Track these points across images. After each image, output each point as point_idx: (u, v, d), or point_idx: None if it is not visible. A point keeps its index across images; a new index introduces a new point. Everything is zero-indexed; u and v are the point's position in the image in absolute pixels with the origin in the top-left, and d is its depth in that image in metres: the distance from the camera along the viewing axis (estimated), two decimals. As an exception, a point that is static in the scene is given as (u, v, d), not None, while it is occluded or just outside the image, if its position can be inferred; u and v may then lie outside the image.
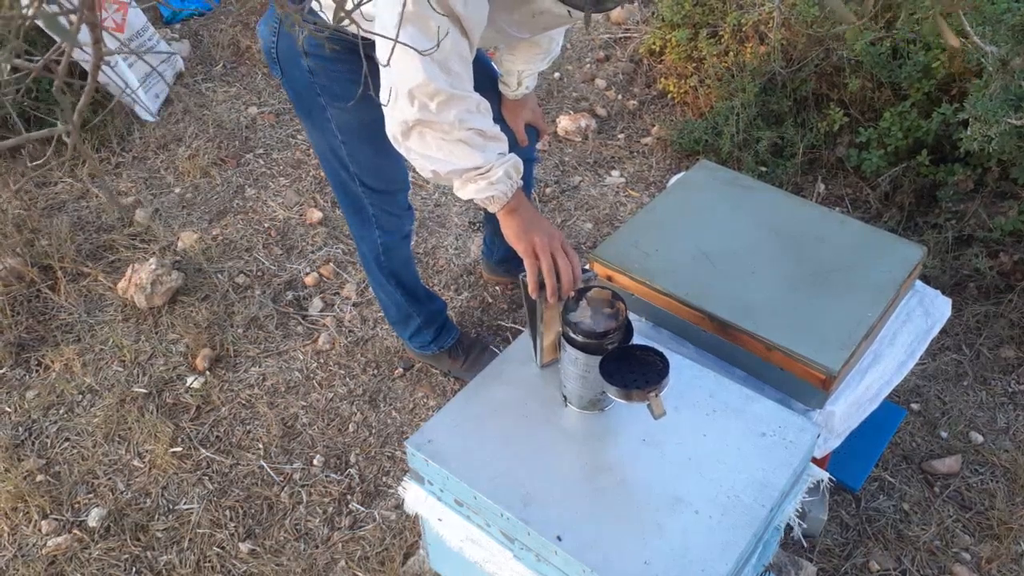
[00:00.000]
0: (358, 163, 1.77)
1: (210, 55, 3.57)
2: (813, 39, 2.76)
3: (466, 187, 1.42)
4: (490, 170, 1.40)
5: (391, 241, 1.97)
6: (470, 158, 1.38)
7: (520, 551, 1.31)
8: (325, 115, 1.69)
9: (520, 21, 1.45)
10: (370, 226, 1.92)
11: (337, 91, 1.64)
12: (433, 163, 1.39)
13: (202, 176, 2.95)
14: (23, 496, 1.99)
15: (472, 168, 1.39)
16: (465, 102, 1.35)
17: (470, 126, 1.35)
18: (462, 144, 1.37)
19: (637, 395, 1.25)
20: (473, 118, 1.36)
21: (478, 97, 1.38)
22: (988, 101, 2.02)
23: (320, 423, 2.16)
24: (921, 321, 1.63)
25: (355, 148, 1.74)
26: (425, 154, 1.39)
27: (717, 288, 1.54)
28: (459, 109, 1.33)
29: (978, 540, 1.88)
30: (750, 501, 1.27)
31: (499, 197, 1.43)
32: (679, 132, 2.93)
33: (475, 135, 1.37)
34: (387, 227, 1.93)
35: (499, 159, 1.41)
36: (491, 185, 1.41)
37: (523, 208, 1.46)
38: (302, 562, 1.86)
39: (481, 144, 1.38)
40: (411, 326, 2.16)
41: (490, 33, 1.49)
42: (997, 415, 2.13)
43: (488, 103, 1.41)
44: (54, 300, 2.49)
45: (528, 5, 1.39)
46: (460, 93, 1.33)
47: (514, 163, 1.43)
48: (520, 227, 1.45)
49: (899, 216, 2.57)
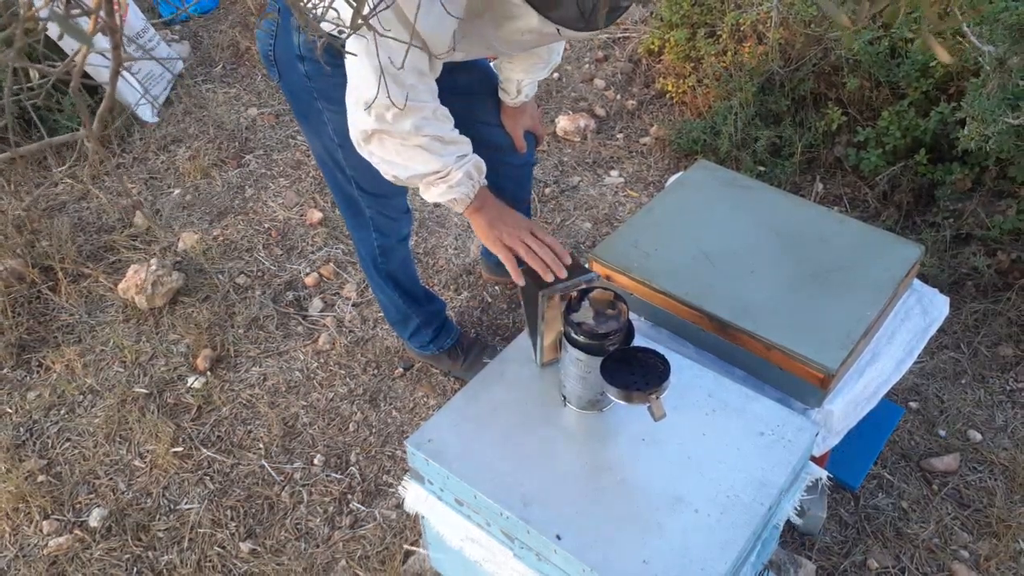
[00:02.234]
0: (354, 167, 1.78)
1: (210, 56, 3.57)
2: (811, 38, 2.76)
3: (429, 190, 1.46)
4: (449, 173, 1.43)
5: (388, 243, 1.98)
6: (428, 163, 1.41)
7: (520, 550, 1.32)
8: (322, 119, 1.70)
9: (508, 39, 1.46)
10: (367, 228, 1.93)
11: (333, 95, 1.65)
12: (394, 168, 1.43)
13: (202, 177, 2.96)
14: (24, 496, 1.99)
15: (431, 172, 1.43)
16: (421, 111, 1.37)
17: (426, 133, 1.38)
18: (420, 150, 1.40)
19: (637, 397, 1.26)
20: (429, 125, 1.38)
21: (435, 104, 1.41)
22: (985, 100, 2.03)
23: (321, 423, 2.17)
24: (919, 320, 1.63)
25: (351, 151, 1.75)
26: (386, 159, 1.43)
27: (716, 288, 1.55)
28: (415, 118, 1.36)
29: (977, 538, 1.88)
30: (749, 500, 1.28)
31: (461, 199, 1.47)
32: (678, 132, 2.93)
33: (432, 141, 1.40)
34: (384, 230, 1.94)
35: (458, 162, 1.44)
36: (451, 188, 1.44)
37: (488, 206, 1.49)
38: (303, 561, 1.87)
39: (439, 149, 1.41)
40: (410, 326, 2.16)
41: (479, 47, 1.50)
42: (995, 413, 2.13)
43: (446, 110, 1.44)
44: (55, 301, 2.50)
45: (514, 23, 1.39)
46: (415, 104, 1.35)
47: (475, 164, 1.46)
48: (487, 225, 1.48)
49: (897, 215, 2.58)
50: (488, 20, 1.39)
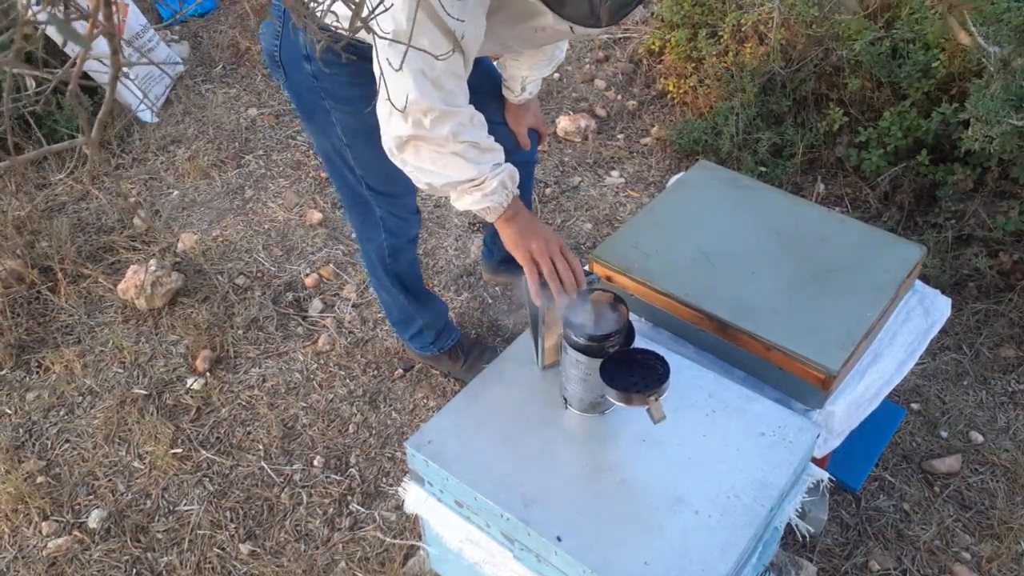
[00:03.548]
0: (364, 165, 1.77)
1: (210, 56, 3.57)
2: (812, 39, 2.76)
3: (462, 198, 1.44)
4: (484, 182, 1.41)
5: (398, 244, 1.97)
6: (464, 171, 1.40)
7: (520, 552, 1.31)
8: (329, 119, 1.69)
9: (522, 36, 1.46)
10: (377, 228, 1.92)
11: (341, 94, 1.64)
12: (428, 176, 1.41)
13: (202, 177, 2.96)
14: (23, 497, 1.99)
15: (466, 180, 1.41)
16: (458, 116, 1.35)
17: (464, 139, 1.37)
18: (456, 157, 1.38)
19: (637, 399, 1.26)
20: (467, 131, 1.37)
21: (471, 111, 1.39)
22: (989, 101, 2.02)
23: (320, 424, 2.16)
24: (921, 320, 1.63)
25: (360, 151, 1.74)
26: (420, 167, 1.40)
27: (717, 288, 1.54)
28: (453, 123, 1.35)
29: (978, 540, 1.88)
30: (750, 501, 1.27)
31: (494, 208, 1.44)
32: (679, 132, 2.93)
33: (469, 148, 1.38)
34: (395, 230, 1.93)
35: (494, 171, 1.42)
36: (485, 196, 1.42)
37: (520, 216, 1.47)
38: (302, 563, 1.86)
39: (475, 156, 1.39)
40: (412, 328, 2.16)
41: (492, 45, 1.49)
42: (997, 414, 2.13)
43: (482, 116, 1.42)
44: (54, 302, 2.49)
45: (530, 22, 1.40)
46: (453, 109, 1.34)
47: (509, 173, 1.44)
48: (517, 235, 1.46)
49: (899, 216, 2.57)
50: (503, 18, 1.39)
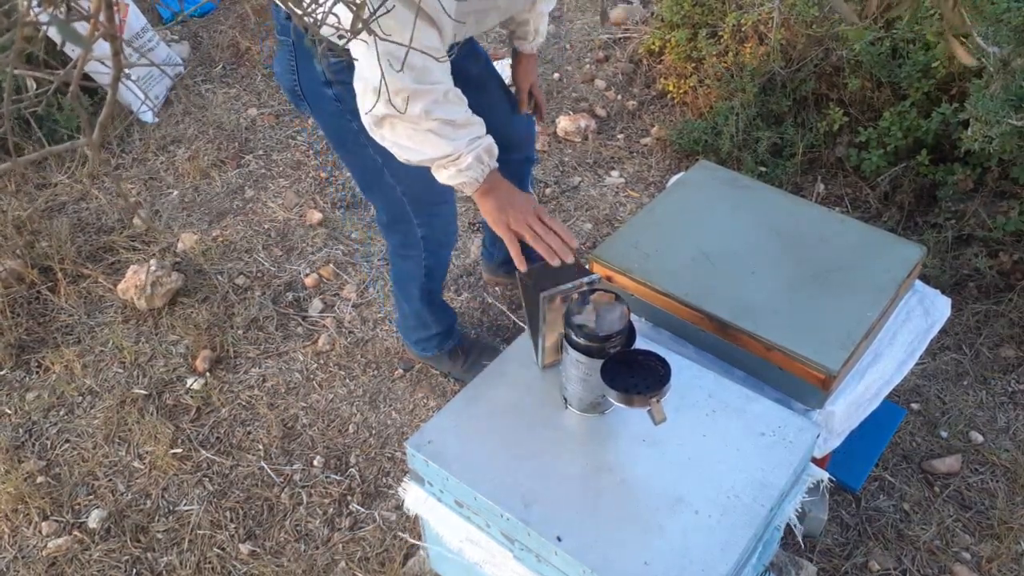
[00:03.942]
0: (402, 178, 1.76)
1: (210, 56, 3.57)
2: (812, 39, 2.76)
3: (440, 173, 1.46)
4: (459, 157, 1.42)
5: (436, 263, 1.99)
6: (439, 148, 1.41)
7: (520, 552, 1.31)
8: (360, 140, 1.68)
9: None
10: (417, 248, 1.92)
11: None
12: (406, 152, 1.43)
13: (202, 177, 2.96)
14: (23, 498, 1.99)
15: (442, 156, 1.42)
16: (431, 94, 1.35)
17: (436, 116, 1.37)
18: (431, 134, 1.39)
19: (638, 400, 1.25)
20: (439, 109, 1.37)
21: (446, 87, 1.38)
22: (989, 101, 2.02)
23: (320, 424, 2.16)
24: (921, 320, 1.63)
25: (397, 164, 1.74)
26: (397, 143, 1.42)
27: (717, 288, 1.54)
28: (425, 102, 1.35)
29: (978, 540, 1.88)
30: (750, 501, 1.27)
31: (470, 183, 1.46)
32: (679, 132, 2.93)
33: (443, 125, 1.38)
34: (435, 249, 1.95)
35: (469, 146, 1.42)
36: (460, 172, 1.44)
37: (497, 190, 1.48)
38: (302, 563, 1.86)
39: (450, 133, 1.40)
40: (424, 333, 2.17)
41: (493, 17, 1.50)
42: (997, 414, 2.13)
43: (459, 91, 1.42)
44: (54, 302, 2.49)
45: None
46: (424, 87, 1.34)
47: (486, 147, 1.45)
48: (496, 209, 1.48)
49: (899, 216, 2.57)
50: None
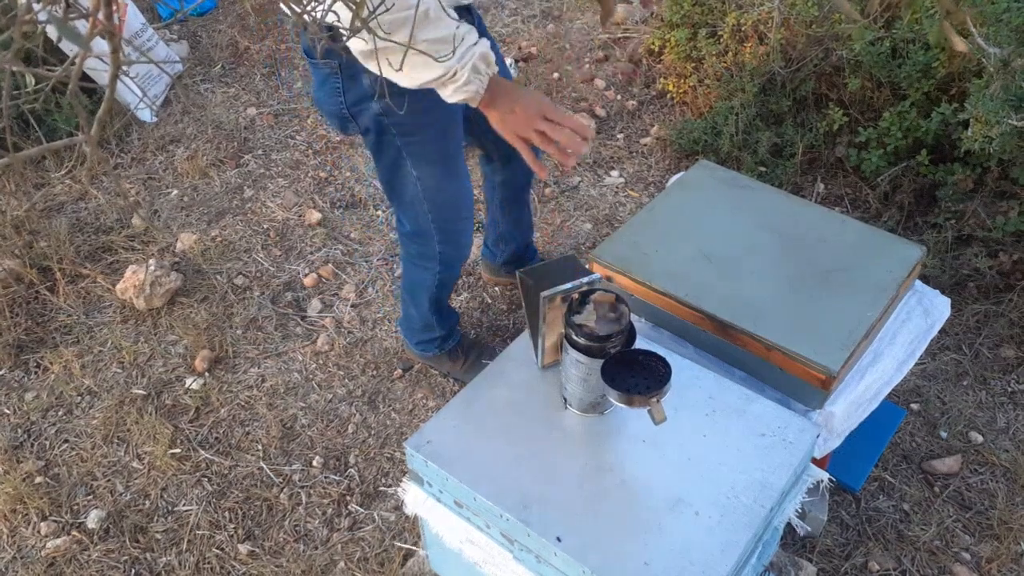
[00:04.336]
0: (431, 197, 1.77)
1: (209, 56, 3.57)
2: (812, 39, 2.75)
3: (443, 91, 1.44)
4: (455, 74, 1.41)
5: (448, 275, 2.00)
6: (433, 70, 1.39)
7: (520, 552, 1.31)
8: (401, 155, 1.68)
9: None
10: (433, 260, 1.93)
11: (407, 122, 1.63)
12: (405, 80, 1.42)
13: (201, 177, 2.95)
14: (22, 498, 1.99)
15: (438, 77, 1.41)
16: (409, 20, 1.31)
17: (424, 38, 1.35)
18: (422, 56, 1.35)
19: (638, 400, 1.25)
20: (422, 32, 1.35)
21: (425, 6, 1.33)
22: (989, 102, 2.02)
23: (319, 424, 2.16)
24: (921, 321, 1.63)
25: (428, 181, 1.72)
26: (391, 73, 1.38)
27: (717, 288, 1.54)
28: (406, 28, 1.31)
29: (978, 540, 1.87)
30: (750, 502, 1.27)
31: (472, 98, 1.44)
32: (678, 132, 2.93)
33: (431, 46, 1.36)
34: (450, 263, 1.96)
35: (462, 59, 1.39)
36: (459, 89, 1.42)
37: (499, 98, 1.46)
38: (301, 563, 1.86)
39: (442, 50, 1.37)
40: (427, 335, 2.18)
41: None
42: (997, 415, 2.13)
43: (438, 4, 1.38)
44: (53, 302, 2.49)
45: None
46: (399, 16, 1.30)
47: (481, 55, 1.41)
48: (499, 118, 1.46)
49: (899, 216, 2.57)
50: None
